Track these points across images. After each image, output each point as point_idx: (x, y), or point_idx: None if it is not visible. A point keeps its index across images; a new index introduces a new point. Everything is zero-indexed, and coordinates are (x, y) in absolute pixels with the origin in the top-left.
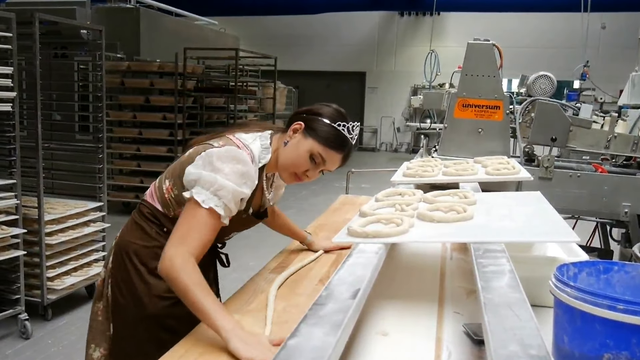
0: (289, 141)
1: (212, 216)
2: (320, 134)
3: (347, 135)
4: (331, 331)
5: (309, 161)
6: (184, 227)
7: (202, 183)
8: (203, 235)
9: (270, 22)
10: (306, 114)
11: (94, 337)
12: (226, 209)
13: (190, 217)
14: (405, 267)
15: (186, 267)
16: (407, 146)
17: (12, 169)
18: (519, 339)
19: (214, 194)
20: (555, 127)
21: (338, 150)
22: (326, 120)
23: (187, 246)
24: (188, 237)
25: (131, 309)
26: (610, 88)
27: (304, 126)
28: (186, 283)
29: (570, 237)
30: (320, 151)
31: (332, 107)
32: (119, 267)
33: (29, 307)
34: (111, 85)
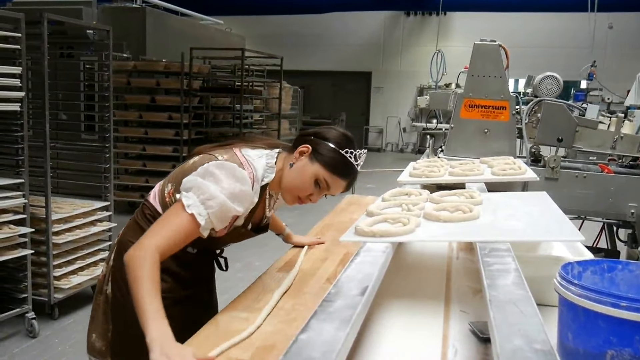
0: (294, 163)
1: (191, 223)
2: (327, 159)
3: (354, 162)
4: (341, 326)
5: (314, 186)
6: (163, 223)
7: (195, 189)
8: (176, 238)
9: (275, 22)
10: (314, 137)
11: (95, 327)
12: (208, 221)
13: (172, 216)
14: (412, 267)
15: (146, 261)
16: (413, 146)
17: (20, 169)
18: (524, 334)
19: (202, 202)
20: (561, 127)
21: (343, 177)
22: (333, 145)
23: (157, 242)
24: (161, 234)
25: (130, 307)
26: (617, 88)
27: (311, 150)
28: (138, 275)
29: (575, 237)
30: (326, 177)
31: (340, 131)
32: (119, 266)
33: (36, 306)
34: (117, 84)
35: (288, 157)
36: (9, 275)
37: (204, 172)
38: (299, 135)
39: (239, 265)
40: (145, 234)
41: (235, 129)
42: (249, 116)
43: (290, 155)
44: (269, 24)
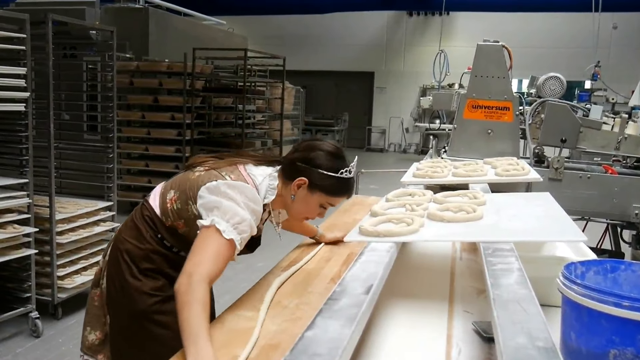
0: (295, 195)
1: (230, 248)
2: (325, 187)
3: (349, 176)
4: (346, 324)
5: (319, 208)
6: (205, 253)
7: (223, 212)
8: (220, 264)
9: (278, 22)
10: (305, 164)
11: (90, 320)
12: (242, 243)
13: (211, 245)
14: (416, 267)
15: (199, 286)
16: (416, 147)
17: (24, 169)
18: (527, 332)
19: (234, 226)
20: (565, 128)
21: (343, 194)
22: (327, 172)
23: (205, 271)
24: (207, 263)
25: (124, 303)
26: (622, 88)
27: (308, 182)
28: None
29: (578, 237)
30: (329, 200)
31: (326, 150)
32: (113, 262)
33: (39, 305)
34: (120, 85)
35: (285, 184)
36: (12, 275)
37: (220, 193)
38: (290, 162)
39: (241, 266)
40: (191, 262)
41: (238, 129)
42: (251, 116)
43: (286, 183)
44: (272, 24)
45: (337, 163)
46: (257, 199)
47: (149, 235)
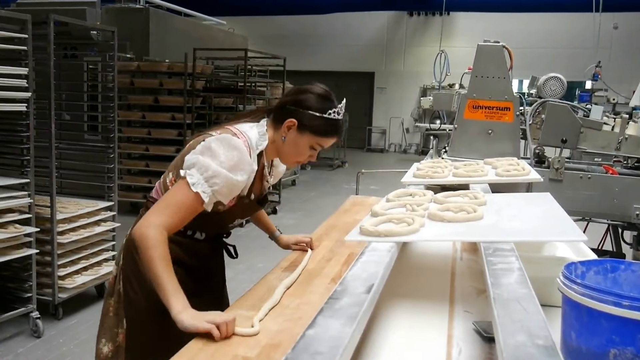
0: (285, 137)
1: (196, 200)
2: (315, 128)
3: (338, 118)
4: (347, 323)
5: (309, 150)
6: (168, 201)
7: (198, 167)
8: (182, 214)
9: (278, 22)
10: (294, 106)
11: (104, 332)
12: (212, 197)
13: (177, 194)
14: (416, 267)
15: (157, 240)
16: (417, 147)
17: (26, 169)
18: (527, 330)
19: (206, 180)
20: (565, 128)
21: (333, 135)
22: (316, 113)
23: (165, 220)
24: (168, 212)
25: (142, 302)
26: (623, 89)
27: (297, 123)
28: (152, 255)
29: (579, 237)
30: (318, 141)
31: (316, 92)
32: (130, 263)
33: (40, 305)
34: (120, 85)
35: (276, 128)
36: (13, 275)
37: (202, 149)
38: (279, 104)
39: (242, 266)
40: (151, 211)
41: None
42: None
43: (277, 127)
44: (272, 25)
45: (326, 104)
46: (241, 147)
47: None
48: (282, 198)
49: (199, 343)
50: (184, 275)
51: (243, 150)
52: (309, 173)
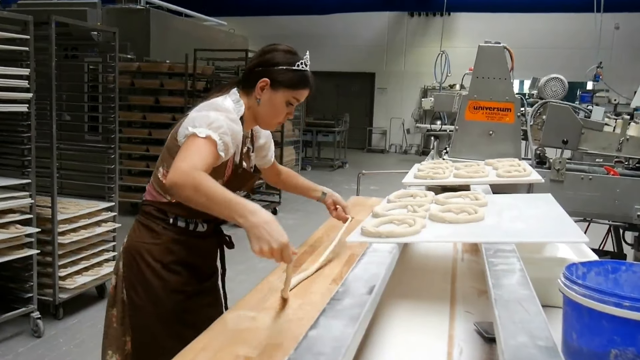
0: (260, 98)
1: (209, 143)
2: (287, 82)
3: (307, 69)
4: (349, 323)
5: (286, 107)
6: (185, 152)
7: (199, 121)
8: (205, 157)
9: (279, 23)
10: (263, 67)
11: (110, 343)
12: (221, 142)
13: (190, 145)
14: (417, 268)
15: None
16: (417, 148)
17: (27, 169)
18: (528, 331)
19: (209, 127)
20: (566, 129)
21: (306, 86)
22: (285, 67)
23: (193, 162)
24: (190, 157)
25: (149, 307)
26: (624, 89)
27: (269, 81)
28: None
29: (580, 238)
30: (293, 95)
31: (281, 49)
32: (133, 270)
33: (41, 305)
34: (121, 85)
35: (248, 93)
36: (14, 275)
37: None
38: (247, 70)
39: (242, 267)
40: (176, 161)
41: None
42: None
43: (250, 93)
44: (273, 25)
45: (293, 58)
46: (227, 107)
47: (160, 228)
48: (282, 198)
49: (201, 343)
50: (188, 276)
51: (227, 108)
52: (310, 173)
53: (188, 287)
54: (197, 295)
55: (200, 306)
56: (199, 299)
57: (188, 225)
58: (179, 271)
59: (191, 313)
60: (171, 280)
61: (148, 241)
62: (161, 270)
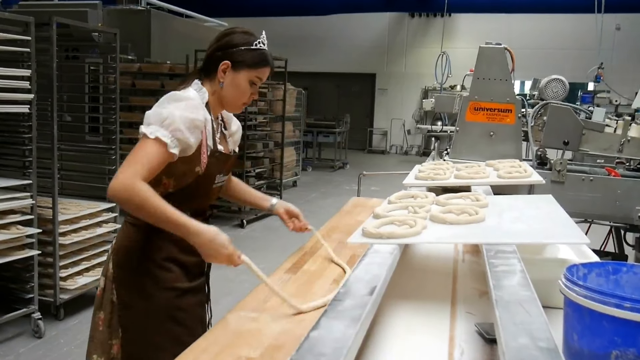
0: (223, 81)
1: (158, 144)
2: (248, 61)
3: (265, 47)
4: (351, 324)
5: (250, 87)
6: (133, 156)
7: (150, 119)
8: (150, 160)
9: (280, 24)
10: (221, 51)
11: (95, 348)
12: (173, 139)
13: (139, 148)
14: (418, 269)
15: (136, 185)
16: (418, 149)
17: (28, 170)
18: (529, 333)
19: (161, 125)
20: (567, 130)
21: (267, 65)
22: (244, 47)
23: (135, 171)
24: (135, 163)
25: (140, 305)
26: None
27: (230, 63)
28: (142, 197)
29: (581, 239)
30: (256, 74)
31: (237, 31)
32: (124, 270)
33: (41, 306)
34: (122, 86)
35: (212, 80)
36: (15, 276)
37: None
38: (207, 57)
39: (243, 267)
40: (120, 169)
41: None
42: (253, 118)
43: (212, 79)
44: (273, 26)
45: (250, 38)
46: (186, 96)
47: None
48: (283, 199)
49: (202, 344)
50: (180, 273)
51: (189, 97)
52: (310, 174)
53: (179, 284)
54: (187, 294)
55: (191, 305)
56: (189, 297)
57: None
58: (170, 268)
59: (182, 311)
60: (163, 277)
61: (138, 240)
62: (152, 268)
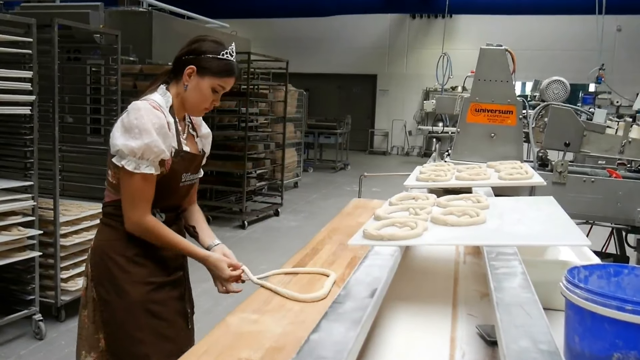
0: (187, 85)
1: (146, 177)
2: (213, 69)
3: (232, 59)
4: (351, 327)
5: (212, 94)
6: (129, 195)
7: (128, 153)
8: (146, 195)
9: (281, 25)
10: (190, 55)
11: (83, 345)
12: (155, 165)
13: (130, 185)
14: (419, 271)
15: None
16: (419, 150)
17: (29, 171)
18: (530, 335)
19: (140, 158)
20: (568, 132)
21: (231, 75)
22: (211, 55)
23: (140, 210)
24: (137, 202)
25: (116, 301)
26: (626, 91)
27: (196, 68)
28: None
29: (582, 241)
30: (219, 82)
31: (208, 39)
32: (99, 267)
33: (42, 308)
34: (123, 87)
35: (178, 83)
36: (16, 277)
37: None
38: (176, 59)
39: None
40: (125, 210)
41: (241, 132)
42: (254, 119)
43: (179, 81)
44: (275, 27)
45: (219, 47)
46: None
47: (120, 224)
48: (285, 200)
49: (202, 346)
50: (154, 268)
51: (147, 107)
52: (312, 175)
53: (154, 279)
54: (164, 287)
55: (168, 298)
56: (166, 290)
57: None
58: (143, 263)
59: (159, 304)
60: (135, 272)
61: (111, 238)
62: (125, 264)
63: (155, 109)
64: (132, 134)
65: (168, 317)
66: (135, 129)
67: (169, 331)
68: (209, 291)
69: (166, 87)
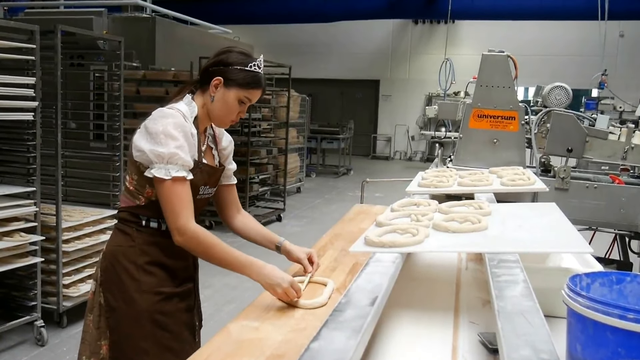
0: (214, 96)
1: (179, 181)
2: (240, 81)
3: (259, 71)
4: (352, 335)
5: (239, 106)
6: (168, 204)
7: (154, 160)
8: (184, 200)
9: (284, 31)
10: (217, 67)
11: (85, 349)
12: (185, 168)
13: (167, 193)
14: (421, 278)
15: (198, 233)
16: (422, 155)
17: (32, 177)
18: (531, 344)
19: (169, 163)
20: (571, 138)
21: (258, 87)
22: (239, 67)
23: (183, 217)
24: (177, 209)
25: (124, 309)
26: (629, 97)
27: (223, 80)
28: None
29: (584, 248)
30: (246, 94)
31: (236, 50)
32: (109, 273)
33: (44, 314)
34: (127, 93)
35: (204, 93)
36: (18, 283)
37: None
38: (203, 70)
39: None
40: (170, 220)
41: (244, 137)
42: (257, 124)
43: (205, 91)
44: (277, 33)
45: (247, 59)
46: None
47: (134, 230)
48: (287, 205)
49: (204, 353)
50: (164, 278)
51: (175, 114)
52: (314, 180)
53: (163, 289)
54: (172, 298)
55: (176, 310)
56: (174, 302)
57: (160, 225)
58: (153, 272)
59: (166, 315)
60: (145, 281)
61: (123, 244)
62: (135, 272)
63: (180, 117)
64: (158, 139)
65: (174, 329)
66: (161, 135)
67: (174, 343)
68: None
69: (192, 97)
